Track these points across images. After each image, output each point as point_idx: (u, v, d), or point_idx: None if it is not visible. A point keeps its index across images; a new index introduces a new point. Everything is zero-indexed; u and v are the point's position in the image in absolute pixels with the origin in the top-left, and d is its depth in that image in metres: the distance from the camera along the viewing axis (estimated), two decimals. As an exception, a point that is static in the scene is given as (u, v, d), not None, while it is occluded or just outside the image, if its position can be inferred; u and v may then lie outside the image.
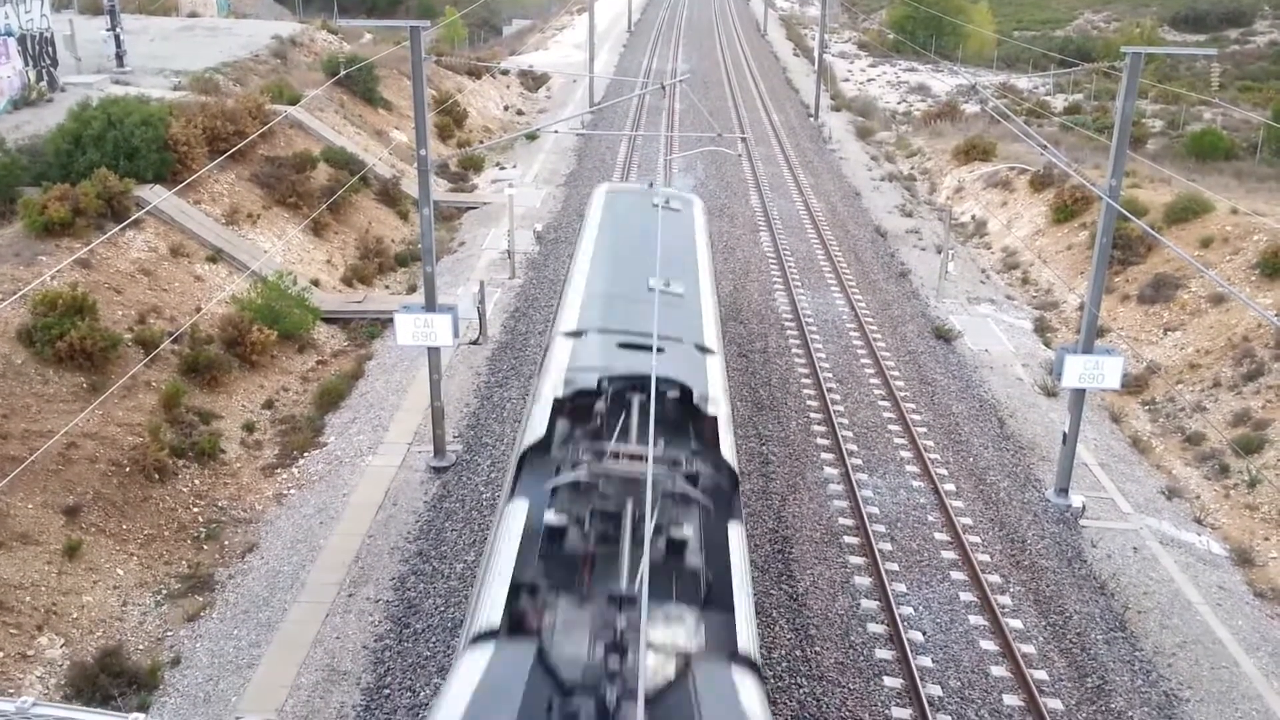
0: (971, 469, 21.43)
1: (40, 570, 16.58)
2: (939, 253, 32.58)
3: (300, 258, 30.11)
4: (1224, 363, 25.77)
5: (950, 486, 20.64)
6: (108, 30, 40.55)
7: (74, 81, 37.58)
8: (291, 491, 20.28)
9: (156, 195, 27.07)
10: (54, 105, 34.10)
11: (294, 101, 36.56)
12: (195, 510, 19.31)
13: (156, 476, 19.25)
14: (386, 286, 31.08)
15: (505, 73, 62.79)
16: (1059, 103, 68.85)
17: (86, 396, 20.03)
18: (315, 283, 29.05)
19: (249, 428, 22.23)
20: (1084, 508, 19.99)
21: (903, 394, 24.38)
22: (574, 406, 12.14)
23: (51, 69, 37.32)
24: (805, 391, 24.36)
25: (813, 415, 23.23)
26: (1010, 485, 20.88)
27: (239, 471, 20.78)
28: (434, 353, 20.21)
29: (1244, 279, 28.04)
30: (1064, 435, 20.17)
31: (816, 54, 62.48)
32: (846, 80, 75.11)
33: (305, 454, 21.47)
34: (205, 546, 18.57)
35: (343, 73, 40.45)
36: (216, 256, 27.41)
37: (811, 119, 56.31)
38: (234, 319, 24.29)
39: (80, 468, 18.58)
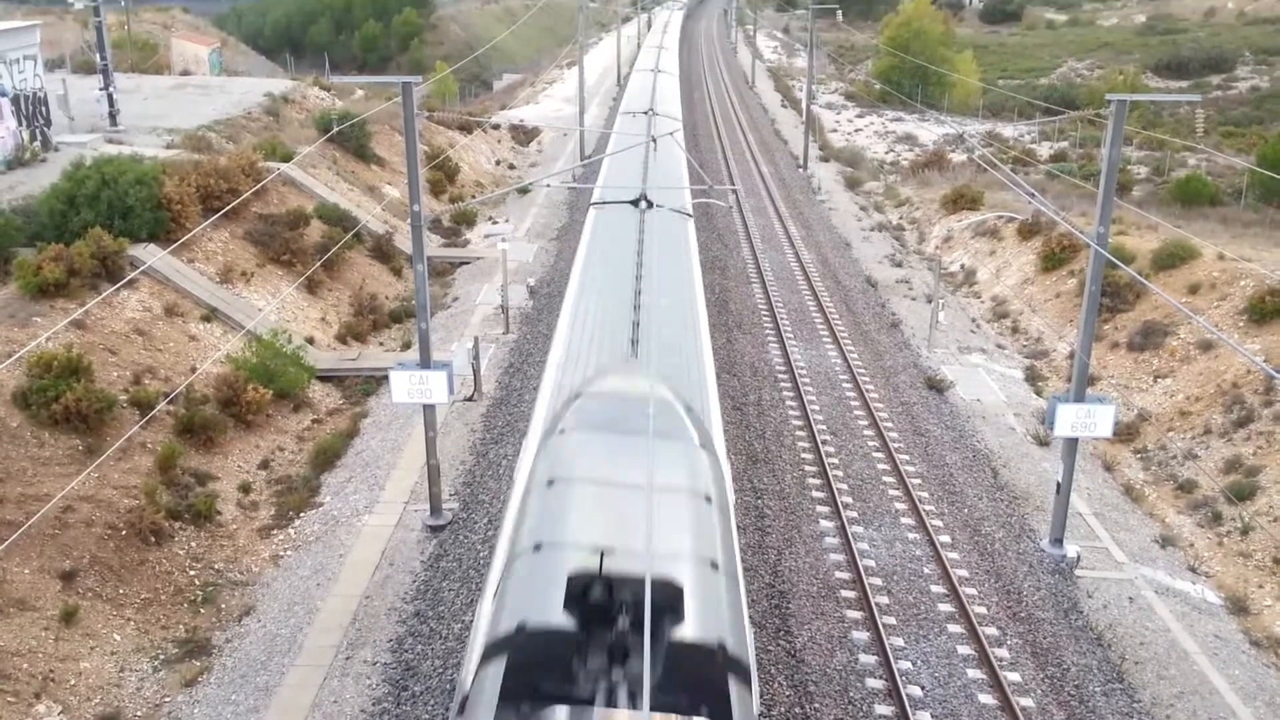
0: (967, 520, 21.49)
1: (37, 636, 16.51)
2: (929, 302, 32.86)
3: (295, 315, 30.26)
4: (1214, 409, 25.95)
5: (946, 538, 20.68)
6: (101, 90, 40.85)
7: (68, 141, 37.90)
8: (288, 553, 20.25)
9: (150, 254, 27.27)
10: (48, 165, 34.36)
11: (287, 158, 36.91)
12: (192, 573, 19.26)
13: (153, 539, 19.23)
14: (381, 343, 31.21)
15: (496, 127, 63.45)
16: (1045, 150, 69.73)
17: (82, 459, 20.05)
18: (310, 340, 29.16)
19: (245, 488, 22.23)
20: (1079, 558, 20.04)
21: (896, 445, 24.49)
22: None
23: (45, 129, 37.62)
24: (800, 444, 24.46)
25: (808, 468, 23.31)
26: (1005, 536, 20.93)
27: (235, 533, 20.76)
28: (429, 410, 20.28)
29: (1232, 324, 28.31)
30: (1058, 485, 20.27)
31: (804, 105, 63.30)
32: (834, 131, 76.02)
33: (301, 514, 21.46)
34: (202, 610, 18.51)
35: (335, 129, 40.84)
36: (211, 315, 27.54)
37: (801, 169, 56.93)
38: (229, 378, 24.37)
39: (77, 532, 18.56)
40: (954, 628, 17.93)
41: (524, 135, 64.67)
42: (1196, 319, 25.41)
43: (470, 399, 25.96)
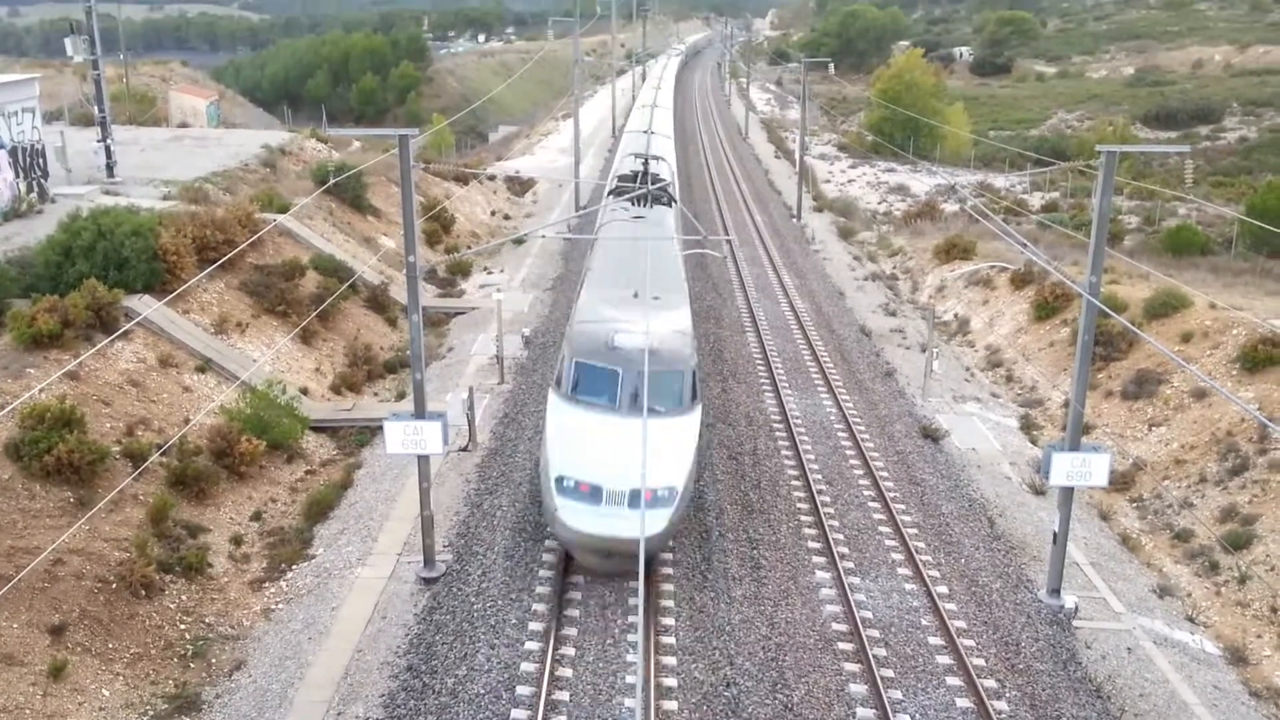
0: (963, 570, 21.37)
1: (25, 692, 16.28)
2: (923, 351, 32.94)
3: (289, 366, 30.25)
4: (1209, 458, 25.94)
5: (943, 589, 20.55)
6: (98, 141, 41.10)
7: (64, 193, 38.05)
8: (279, 606, 20.06)
9: (145, 305, 27.30)
10: (44, 216, 34.47)
11: (283, 210, 37.11)
12: (182, 627, 19.05)
13: (143, 593, 19.04)
14: (375, 394, 31.17)
15: (492, 178, 63.95)
16: (1036, 200, 70.35)
17: (73, 511, 19.92)
18: (304, 391, 29.13)
19: (237, 540, 22.07)
20: (1077, 608, 19.90)
21: (892, 495, 24.41)
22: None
23: (42, 180, 37.78)
24: (795, 494, 24.37)
25: (803, 518, 23.21)
26: (1003, 586, 20.80)
27: (226, 586, 20.57)
28: (423, 460, 20.20)
29: (1225, 373, 28.39)
30: (1054, 534, 20.18)
31: (798, 156, 63.91)
32: (827, 181, 76.72)
33: (293, 566, 21.29)
34: (192, 664, 18.28)
35: (332, 181, 41.09)
36: (205, 366, 27.52)
37: (794, 219, 57.34)
38: (222, 429, 24.29)
39: (66, 585, 18.38)
40: (952, 680, 17.76)
41: (520, 186, 65.16)
42: (1189, 368, 25.45)
43: (465, 449, 25.88)
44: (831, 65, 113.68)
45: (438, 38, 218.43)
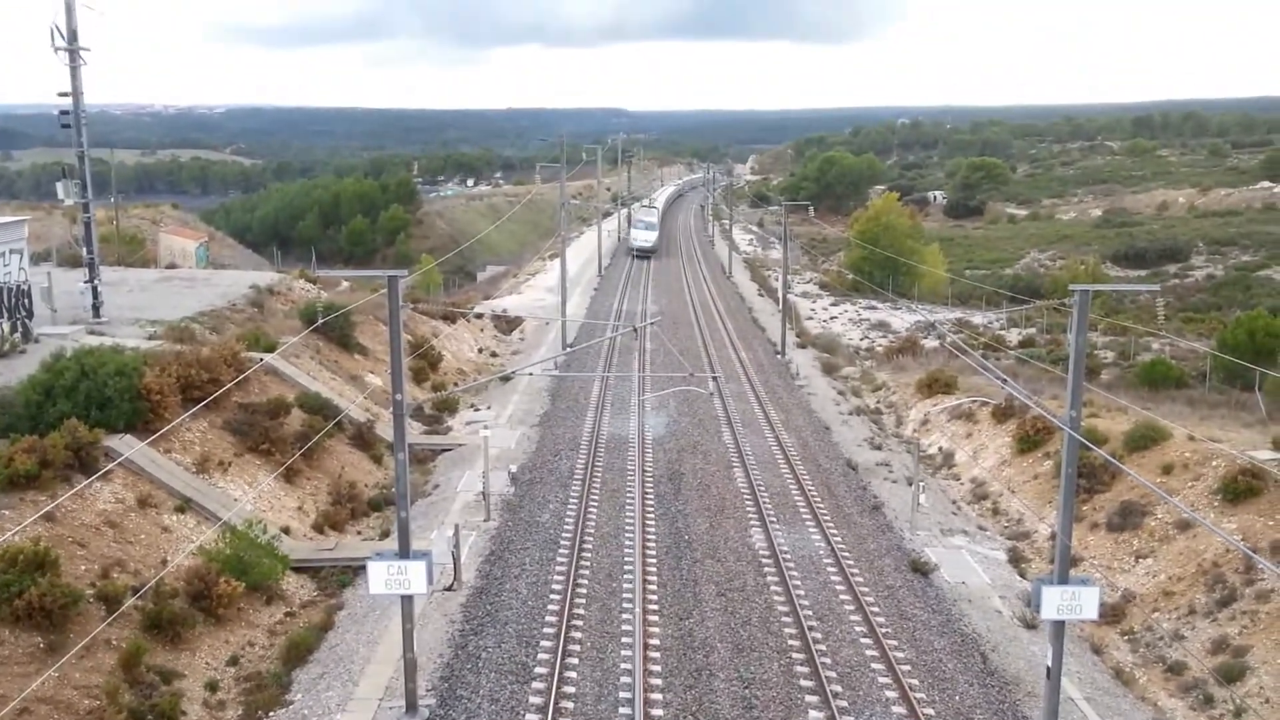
0: (959, 708, 20.89)
1: None
2: (910, 485, 32.93)
3: (271, 505, 29.94)
4: (1197, 589, 25.74)
5: (938, 729, 20.04)
6: (85, 282, 41.34)
7: (49, 332, 38.16)
8: (254, 753, 19.35)
9: (127, 445, 27.10)
10: (27, 356, 34.42)
11: (270, 349, 37.29)
12: (151, 777, 18.32)
13: (112, 742, 18.37)
14: (359, 532, 30.80)
15: (479, 316, 64.69)
16: (1013, 336, 71.47)
17: (43, 658, 19.38)
18: (285, 530, 28.76)
19: (212, 687, 21.43)
20: (1076, 748, 19.40)
21: (884, 630, 24.03)
22: None
23: (26, 320, 37.91)
24: (786, 630, 23.97)
25: (795, 655, 22.78)
26: (999, 726, 20.31)
27: (199, 733, 19.88)
28: (407, 601, 19.84)
29: (1207, 504, 28.42)
30: (1047, 669, 19.79)
31: (780, 294, 65.01)
32: (810, 318, 77.86)
33: (270, 713, 20.61)
34: (159, 818, 17.51)
35: (320, 320, 41.48)
36: (185, 506, 27.20)
37: (779, 356, 57.95)
38: (200, 571, 23.87)
39: (32, 734, 17.73)
40: (951, 826, 17.16)
41: (507, 324, 65.87)
42: (1172, 500, 25.53)
43: (450, 588, 25.45)
44: (811, 208, 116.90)
45: (427, 182, 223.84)
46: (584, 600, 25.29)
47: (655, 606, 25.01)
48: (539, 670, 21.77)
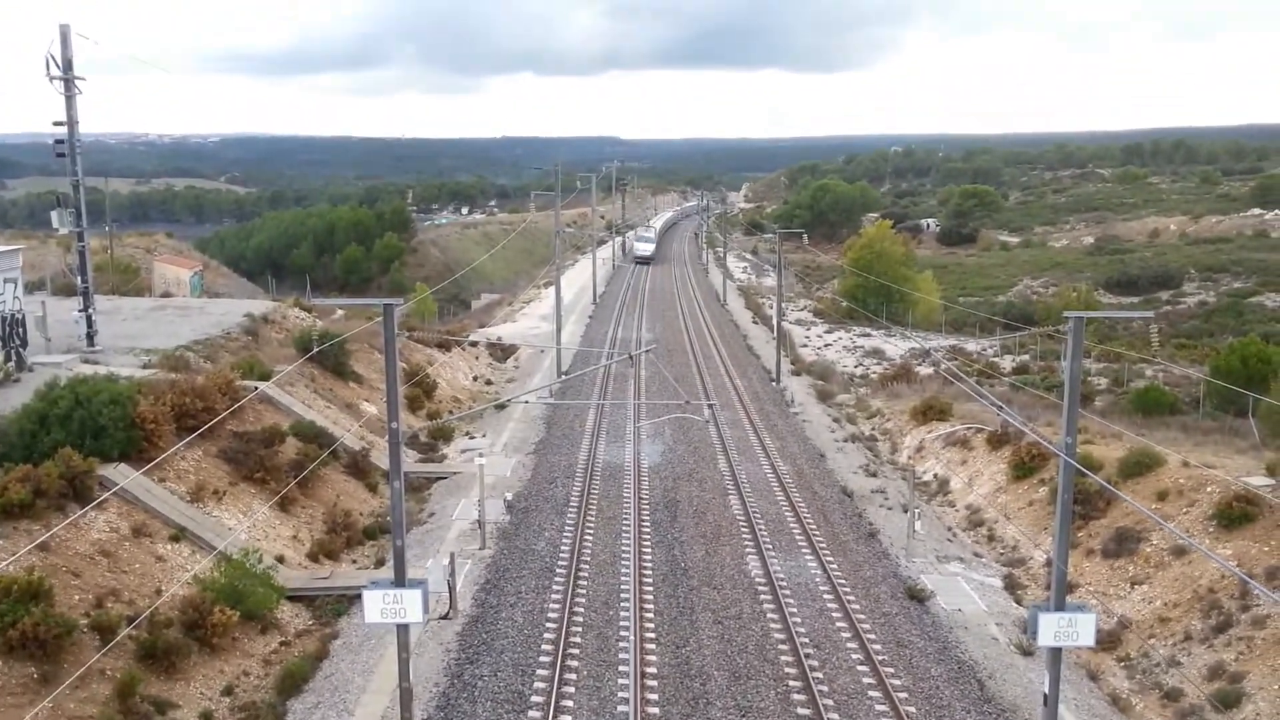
0: (956, 737, 20.81)
1: None
2: (905, 512, 32.93)
3: (266, 533, 29.85)
4: (1193, 615, 25.73)
5: (936, 757, 19.97)
6: (79, 311, 41.35)
7: (43, 361, 38.10)
8: (248, 784, 19.22)
9: (121, 474, 27.06)
10: (21, 385, 34.36)
11: (265, 377, 37.27)
12: (144, 809, 18.18)
13: (105, 773, 18.24)
14: (354, 561, 30.70)
15: (475, 344, 64.76)
16: (1008, 363, 71.66)
17: (37, 688, 19.28)
18: (280, 559, 28.67)
19: (206, 717, 21.29)
20: (1075, 776, 19.34)
21: (881, 658, 23.98)
22: None
23: (20, 349, 37.86)
24: (783, 658, 23.91)
25: (792, 683, 22.71)
26: (997, 753, 20.24)
27: (193, 764, 19.74)
28: (403, 630, 19.76)
29: (1202, 530, 28.45)
30: (1044, 696, 19.76)
31: (775, 321, 65.18)
32: (805, 345, 78.00)
33: (264, 742, 20.50)
34: None
35: (315, 349, 41.50)
36: (180, 535, 27.12)
37: (773, 383, 58.03)
38: (195, 600, 23.77)
39: (25, 766, 17.61)
40: None
41: (501, 352, 65.93)
42: (1168, 526, 25.54)
43: (445, 617, 25.37)
44: (804, 235, 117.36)
45: (422, 210, 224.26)
46: (580, 628, 25.23)
47: (652, 634, 24.96)
48: (535, 699, 21.69)
